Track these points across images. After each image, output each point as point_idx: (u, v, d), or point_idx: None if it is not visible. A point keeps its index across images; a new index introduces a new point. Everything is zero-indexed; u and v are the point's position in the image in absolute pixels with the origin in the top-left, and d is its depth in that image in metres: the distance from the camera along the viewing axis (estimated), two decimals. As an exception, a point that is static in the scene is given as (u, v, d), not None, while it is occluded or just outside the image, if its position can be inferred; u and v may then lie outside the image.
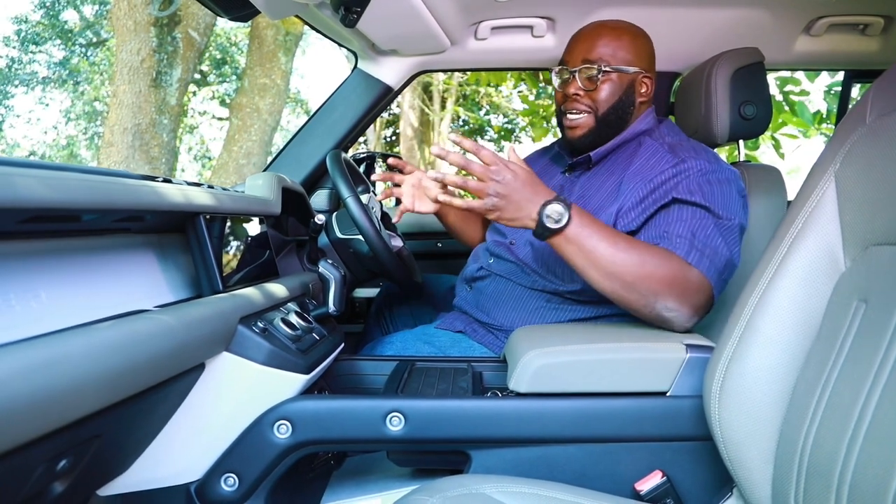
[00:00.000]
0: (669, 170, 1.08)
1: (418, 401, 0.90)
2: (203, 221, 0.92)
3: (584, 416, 0.90)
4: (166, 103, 4.49)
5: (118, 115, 4.28)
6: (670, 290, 0.96)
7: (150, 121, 4.34)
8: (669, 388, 0.91)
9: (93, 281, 0.81)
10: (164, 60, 4.58)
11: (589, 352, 0.92)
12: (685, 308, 0.97)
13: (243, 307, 0.90)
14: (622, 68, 1.18)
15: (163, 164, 4.54)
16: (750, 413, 0.78)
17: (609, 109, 1.19)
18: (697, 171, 1.07)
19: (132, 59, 4.27)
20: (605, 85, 1.18)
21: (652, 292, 0.96)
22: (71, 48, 9.65)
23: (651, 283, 0.96)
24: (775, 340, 0.77)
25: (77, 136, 10.22)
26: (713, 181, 1.07)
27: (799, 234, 0.77)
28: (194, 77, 9.65)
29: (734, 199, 1.07)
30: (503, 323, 1.21)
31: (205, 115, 10.86)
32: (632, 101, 1.21)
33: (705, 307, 1.00)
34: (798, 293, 0.76)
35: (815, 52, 1.60)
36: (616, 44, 1.18)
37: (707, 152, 1.13)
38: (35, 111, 13.66)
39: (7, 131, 10.18)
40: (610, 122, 1.20)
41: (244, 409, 0.89)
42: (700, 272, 0.98)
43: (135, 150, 4.27)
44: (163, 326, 0.70)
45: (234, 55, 10.33)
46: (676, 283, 0.96)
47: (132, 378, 0.65)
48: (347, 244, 1.36)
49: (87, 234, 0.82)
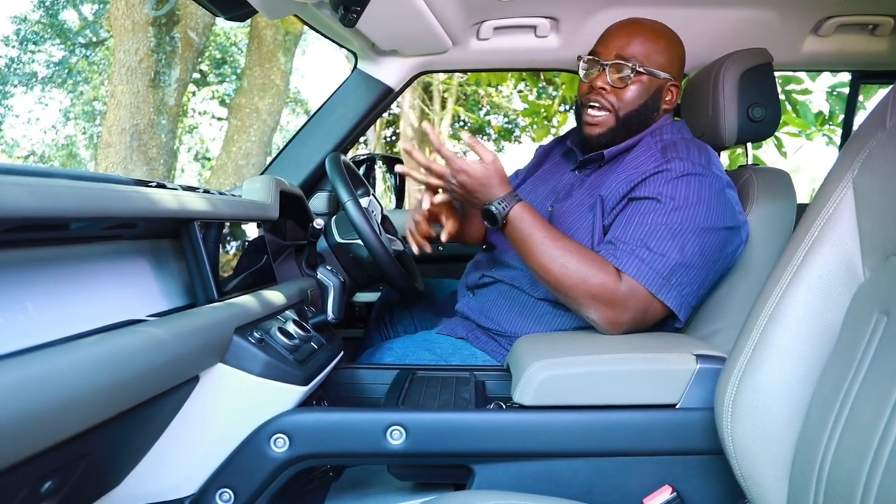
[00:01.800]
0: (651, 169, 1.08)
1: (419, 414, 0.88)
2: (197, 228, 0.90)
3: (590, 429, 0.87)
4: (165, 104, 4.46)
5: (116, 115, 4.25)
6: (593, 303, 1.01)
7: (148, 121, 4.30)
8: (679, 401, 0.89)
9: (83, 290, 0.78)
10: (162, 60, 4.55)
11: (595, 363, 0.89)
12: (604, 323, 1.02)
13: (239, 316, 0.87)
14: (654, 72, 1.15)
15: (161, 164, 4.51)
16: (764, 428, 0.75)
17: (632, 112, 1.17)
18: (678, 172, 1.06)
19: (130, 60, 4.24)
20: (634, 86, 1.15)
21: (576, 300, 1.03)
22: (70, 48, 9.63)
23: (576, 292, 1.02)
24: (790, 353, 0.74)
25: (76, 136, 10.20)
26: (692, 183, 1.05)
27: (815, 243, 0.75)
28: (194, 77, 9.64)
29: (714, 202, 1.05)
30: (507, 329, 1.18)
31: (204, 115, 10.84)
32: (656, 107, 1.18)
33: (640, 318, 1.03)
34: (814, 304, 0.73)
35: (823, 52, 1.57)
36: (653, 45, 1.15)
37: (700, 154, 1.10)
38: (34, 111, 13.65)
39: (7, 131, 10.17)
40: (631, 124, 1.18)
41: (240, 423, 0.87)
42: (636, 282, 1.01)
43: (133, 151, 4.23)
44: (154, 340, 0.67)
45: (234, 55, 10.30)
46: (600, 298, 1.01)
47: (122, 395, 0.63)
48: (347, 249, 1.33)
49: (76, 241, 0.79)
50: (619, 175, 1.13)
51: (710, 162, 1.11)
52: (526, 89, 7.67)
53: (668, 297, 1.01)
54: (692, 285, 1.04)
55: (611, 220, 1.10)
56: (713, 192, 1.06)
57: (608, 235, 1.09)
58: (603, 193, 1.12)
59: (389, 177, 1.94)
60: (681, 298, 1.03)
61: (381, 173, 1.92)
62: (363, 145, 9.06)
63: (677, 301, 1.02)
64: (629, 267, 1.02)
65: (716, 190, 1.06)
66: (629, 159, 1.16)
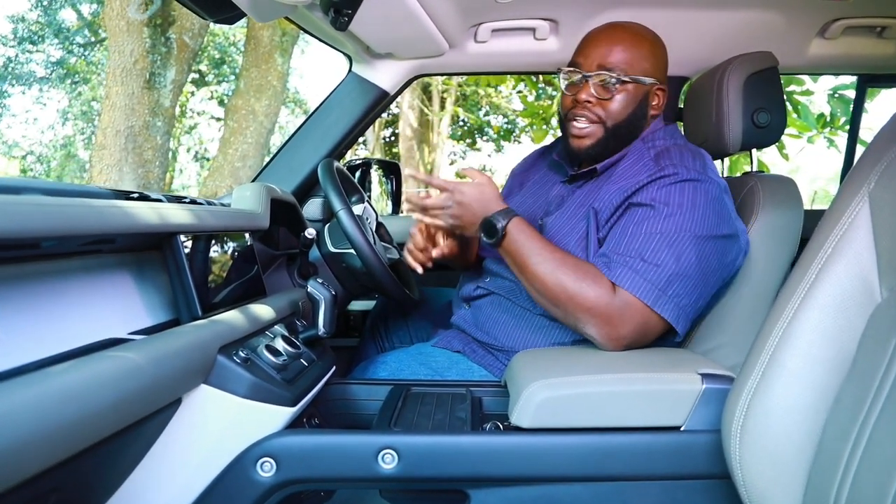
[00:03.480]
0: (646, 178, 1.05)
1: (412, 436, 0.84)
2: (180, 241, 0.86)
3: (591, 452, 0.83)
4: (160, 105, 4.41)
5: (111, 117, 4.20)
6: (589, 317, 0.99)
7: (143, 123, 4.25)
8: (684, 423, 0.85)
9: (60, 308, 0.74)
10: (157, 61, 4.50)
11: (596, 383, 0.86)
12: (602, 339, 0.99)
13: (224, 334, 0.83)
14: (640, 79, 1.10)
15: (157, 167, 4.46)
16: (774, 455, 0.71)
17: (621, 122, 1.12)
18: (673, 178, 1.03)
19: (125, 61, 4.19)
20: (619, 95, 1.10)
21: (573, 315, 1.00)
22: (69, 48, 9.59)
23: (570, 306, 0.99)
24: (802, 376, 0.70)
25: (75, 137, 10.16)
26: (686, 189, 1.02)
27: (828, 260, 0.71)
28: (193, 77, 9.59)
29: (710, 209, 1.01)
30: (504, 343, 1.14)
31: (203, 116, 10.80)
32: (644, 114, 1.14)
33: (640, 332, 1.00)
34: (827, 325, 0.70)
35: (829, 55, 1.53)
36: (636, 51, 1.11)
37: (695, 160, 1.06)
38: (32, 111, 13.61)
39: (5, 132, 10.13)
40: (620, 135, 1.13)
41: (225, 446, 0.83)
42: (631, 295, 0.98)
43: (128, 154, 4.19)
44: (129, 366, 0.63)
45: (232, 55, 10.26)
46: (594, 312, 0.98)
47: (94, 426, 0.59)
48: (340, 258, 1.29)
49: (53, 257, 0.75)
50: (612, 186, 1.09)
51: (706, 167, 1.07)
52: (525, 90, 7.63)
53: (664, 309, 0.98)
54: (690, 296, 1.00)
55: (605, 233, 1.06)
56: (709, 197, 1.02)
57: (602, 248, 1.05)
58: (596, 206, 1.09)
59: (386, 181, 1.90)
60: (678, 311, 0.99)
61: (378, 178, 1.88)
62: (362, 146, 9.03)
63: (674, 313, 0.98)
64: (623, 279, 0.98)
65: (712, 196, 1.03)
66: (622, 169, 1.12)
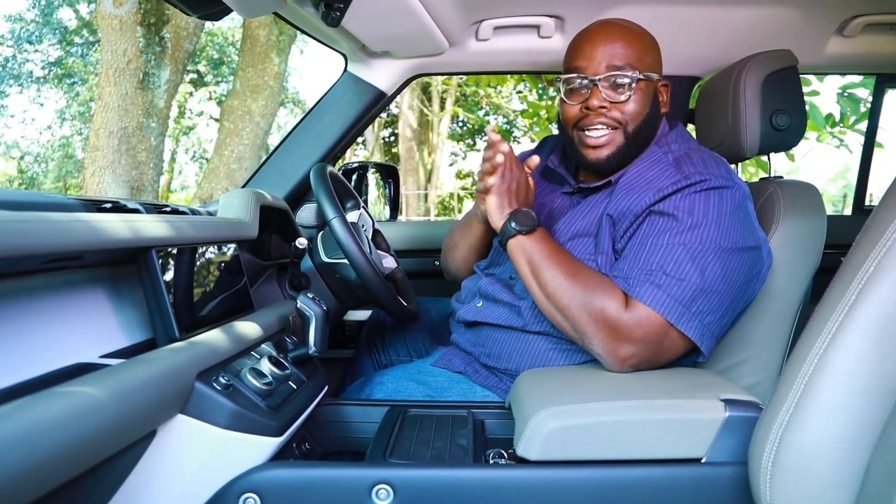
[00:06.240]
0: (669, 187, 0.97)
1: (409, 470, 0.77)
2: (156, 256, 0.78)
3: (604, 488, 0.76)
4: (154, 106, 4.33)
5: (104, 118, 4.12)
6: (593, 329, 0.92)
7: (136, 124, 4.18)
8: (705, 454, 0.78)
9: (18, 333, 0.67)
10: (151, 61, 4.42)
11: (609, 411, 0.79)
12: (607, 355, 0.93)
13: (203, 359, 0.76)
14: (650, 75, 1.04)
15: (150, 168, 4.39)
16: (811, 494, 0.64)
17: (640, 124, 1.04)
18: (699, 186, 0.96)
19: (118, 60, 4.11)
20: (636, 95, 1.03)
21: (580, 327, 0.94)
22: (66, 48, 9.53)
23: (580, 316, 0.93)
24: (842, 409, 0.63)
25: (72, 137, 10.10)
26: (712, 198, 0.95)
27: (870, 280, 0.64)
28: (192, 77, 9.53)
29: (735, 218, 0.95)
30: (508, 367, 1.07)
31: (202, 116, 10.74)
32: (658, 113, 1.07)
33: (652, 351, 0.92)
34: (870, 352, 0.63)
35: (847, 54, 1.46)
36: (640, 46, 1.04)
37: (718, 165, 1.00)
38: (30, 111, 13.55)
39: (4, 132, 10.08)
40: (640, 138, 1.05)
41: (204, 481, 0.76)
42: (650, 310, 0.91)
43: (121, 155, 4.11)
44: (88, 403, 0.56)
45: (231, 55, 10.20)
46: (599, 323, 0.92)
47: (47, 473, 0.52)
48: (334, 269, 1.22)
49: (10, 276, 0.68)
50: (630, 193, 1.02)
51: (730, 172, 1.01)
52: (525, 90, 7.56)
53: (688, 326, 0.91)
54: (715, 313, 0.93)
55: (624, 244, 0.99)
56: (734, 205, 0.96)
57: (620, 261, 0.98)
58: (612, 213, 1.01)
59: (384, 185, 1.83)
60: (703, 328, 0.92)
61: (375, 181, 1.81)
62: (361, 146, 8.95)
63: (699, 331, 0.91)
64: (644, 295, 0.91)
65: (737, 202, 0.96)
66: (637, 174, 1.04)
